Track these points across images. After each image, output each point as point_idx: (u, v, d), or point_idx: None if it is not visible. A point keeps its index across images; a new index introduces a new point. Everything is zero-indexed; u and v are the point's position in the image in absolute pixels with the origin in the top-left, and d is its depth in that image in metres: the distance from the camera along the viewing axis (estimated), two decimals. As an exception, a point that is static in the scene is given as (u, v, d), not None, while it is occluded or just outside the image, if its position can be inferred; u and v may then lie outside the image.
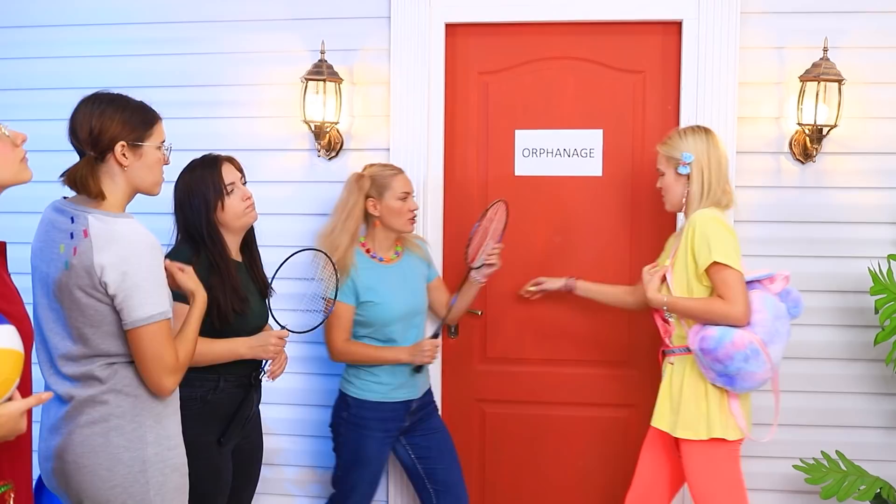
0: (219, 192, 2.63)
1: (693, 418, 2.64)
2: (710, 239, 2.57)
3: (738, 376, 2.54)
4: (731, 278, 2.56)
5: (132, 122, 2.16)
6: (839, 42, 3.18)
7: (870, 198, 3.24)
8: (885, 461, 3.25)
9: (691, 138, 2.72)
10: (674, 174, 2.74)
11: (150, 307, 2.07)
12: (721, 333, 2.52)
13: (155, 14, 3.51)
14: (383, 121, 3.41)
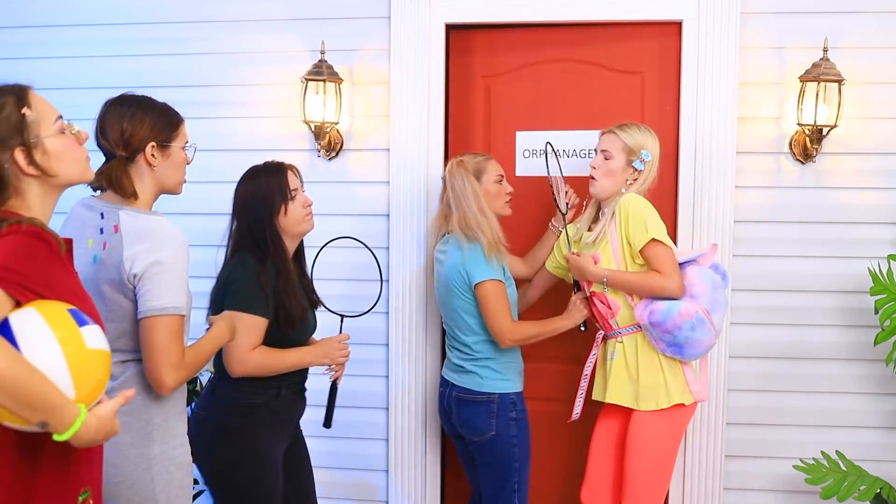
0: (284, 197, 2.63)
1: (652, 390, 2.76)
2: (646, 219, 2.71)
3: (687, 344, 2.68)
4: (664, 254, 2.71)
5: (160, 123, 2.23)
6: (839, 42, 3.18)
7: (870, 198, 3.24)
8: (886, 461, 3.25)
9: (651, 137, 2.86)
10: (624, 163, 2.83)
11: (167, 299, 2.09)
12: (668, 306, 2.66)
13: (155, 14, 3.52)
14: (383, 121, 3.42)
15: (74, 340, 1.62)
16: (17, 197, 1.73)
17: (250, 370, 2.53)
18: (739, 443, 3.32)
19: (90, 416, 1.64)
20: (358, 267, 3.43)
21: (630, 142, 2.83)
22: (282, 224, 2.65)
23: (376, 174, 3.43)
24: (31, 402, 1.52)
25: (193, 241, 3.48)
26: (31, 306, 1.60)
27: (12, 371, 1.48)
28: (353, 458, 3.51)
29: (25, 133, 1.72)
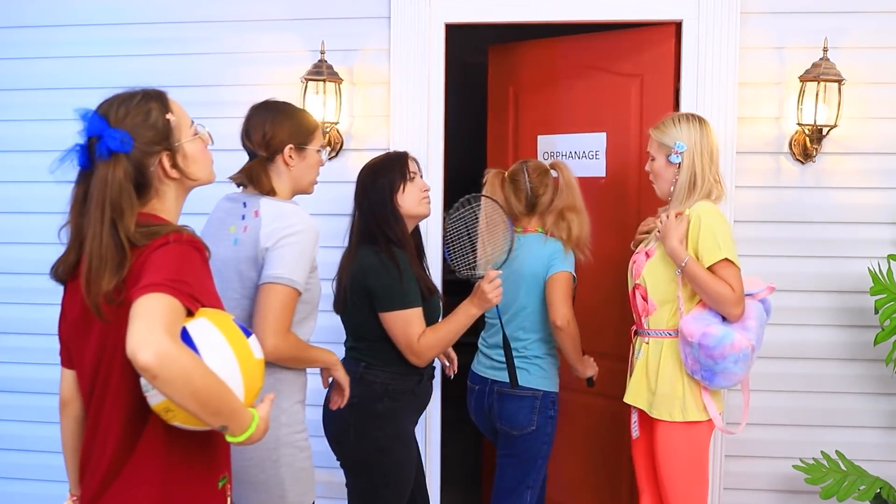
0: (403, 176, 2.72)
1: (669, 401, 2.66)
2: (719, 236, 2.58)
3: (721, 374, 2.57)
4: (735, 277, 2.58)
5: (299, 127, 2.43)
6: (839, 42, 3.18)
7: (870, 198, 3.25)
8: (885, 461, 3.25)
9: (685, 127, 2.69)
10: (664, 161, 2.71)
11: (284, 270, 2.23)
12: (723, 334, 2.53)
13: (154, 14, 3.51)
14: (383, 121, 3.42)
15: (245, 350, 1.71)
16: (157, 198, 1.81)
17: (432, 351, 2.65)
18: (740, 443, 3.32)
19: (259, 419, 1.73)
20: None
21: (662, 139, 2.71)
22: (400, 202, 2.71)
23: (376, 174, 3.43)
24: (217, 410, 1.60)
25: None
26: (202, 316, 1.67)
27: (206, 381, 1.56)
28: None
29: (170, 138, 1.80)
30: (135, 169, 1.74)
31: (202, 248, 1.75)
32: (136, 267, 1.66)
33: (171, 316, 1.56)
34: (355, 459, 2.71)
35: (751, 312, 2.61)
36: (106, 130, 1.73)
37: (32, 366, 3.62)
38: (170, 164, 1.80)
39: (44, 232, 3.57)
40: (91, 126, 1.75)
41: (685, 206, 2.67)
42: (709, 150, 2.68)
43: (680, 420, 2.64)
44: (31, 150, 3.55)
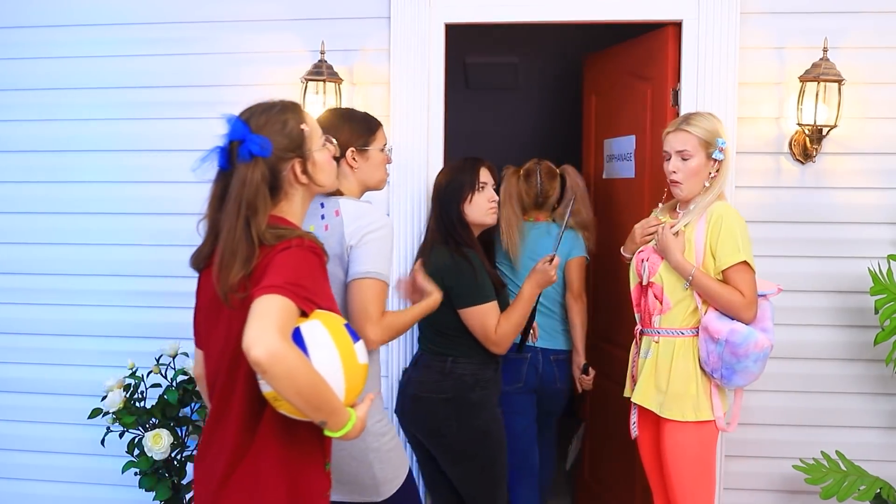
0: (472, 186, 2.92)
1: (682, 400, 2.65)
2: (739, 239, 2.59)
3: (740, 372, 2.59)
4: (752, 281, 2.60)
5: (358, 130, 2.56)
6: (839, 42, 3.18)
7: (869, 198, 3.25)
8: (885, 461, 3.25)
9: (717, 121, 2.68)
10: (705, 159, 2.66)
11: (372, 265, 2.37)
12: (749, 331, 2.56)
13: (154, 14, 3.51)
14: (383, 121, 3.38)
15: (350, 354, 1.83)
16: (286, 201, 1.97)
17: (509, 338, 2.87)
18: (740, 443, 3.32)
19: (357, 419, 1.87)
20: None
21: (703, 134, 2.64)
22: (466, 212, 2.93)
23: (376, 174, 3.43)
24: (318, 406, 1.75)
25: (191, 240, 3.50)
26: (316, 318, 1.81)
27: (310, 380, 1.71)
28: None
29: (303, 146, 1.96)
30: (270, 172, 1.91)
31: (321, 254, 1.89)
32: (262, 265, 1.82)
33: (284, 317, 1.70)
34: (461, 448, 2.88)
35: (766, 313, 2.64)
36: (248, 136, 1.91)
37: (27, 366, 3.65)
38: (300, 170, 1.96)
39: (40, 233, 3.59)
40: (234, 130, 1.94)
41: (710, 203, 2.66)
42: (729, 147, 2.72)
43: (693, 420, 2.64)
44: (28, 151, 3.55)
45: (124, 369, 3.31)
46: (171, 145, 3.51)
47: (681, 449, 2.66)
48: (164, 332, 3.50)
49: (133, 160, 3.54)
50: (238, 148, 1.91)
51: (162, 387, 3.30)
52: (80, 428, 3.48)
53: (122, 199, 3.55)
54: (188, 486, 3.32)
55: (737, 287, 2.59)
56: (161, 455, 3.11)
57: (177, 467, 3.27)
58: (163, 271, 3.54)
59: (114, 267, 3.58)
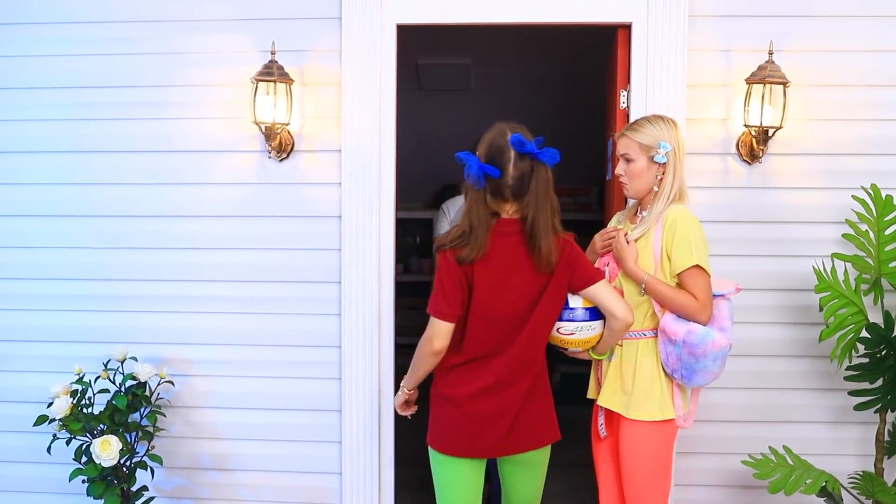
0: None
1: (647, 400, 2.69)
2: (693, 242, 2.63)
3: (700, 372, 2.63)
4: (705, 284, 2.63)
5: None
6: (784, 45, 3.24)
7: (814, 198, 3.31)
8: (831, 455, 3.32)
9: (663, 126, 2.71)
10: (646, 162, 2.71)
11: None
12: (705, 332, 2.60)
13: (99, 13, 3.44)
14: (335, 122, 3.39)
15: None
16: None
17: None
18: (689, 440, 3.36)
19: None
20: (307, 269, 3.42)
21: (643, 139, 2.70)
22: None
23: (328, 175, 3.41)
24: (612, 344, 2.72)
25: (148, 244, 3.45)
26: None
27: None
28: (305, 462, 3.48)
29: None
30: None
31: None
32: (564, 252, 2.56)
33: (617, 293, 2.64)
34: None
35: (724, 312, 2.69)
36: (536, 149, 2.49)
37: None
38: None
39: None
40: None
41: (665, 206, 2.69)
42: (682, 149, 2.74)
43: (659, 419, 2.68)
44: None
45: (71, 375, 3.25)
46: (117, 146, 3.45)
47: (643, 448, 2.69)
48: (112, 337, 3.45)
49: (77, 161, 3.47)
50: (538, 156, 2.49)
51: (110, 392, 3.25)
52: (25, 435, 3.40)
53: (66, 201, 3.48)
54: (138, 493, 3.27)
55: (691, 290, 2.63)
56: (110, 462, 3.05)
57: (126, 474, 3.21)
58: (110, 274, 3.48)
59: (59, 270, 3.50)
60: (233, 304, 3.46)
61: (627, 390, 2.72)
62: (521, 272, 2.51)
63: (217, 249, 3.46)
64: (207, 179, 3.45)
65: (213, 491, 3.52)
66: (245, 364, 3.47)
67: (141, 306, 3.48)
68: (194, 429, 3.51)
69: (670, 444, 2.74)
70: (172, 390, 3.44)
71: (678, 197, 2.72)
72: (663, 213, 2.68)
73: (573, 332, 2.60)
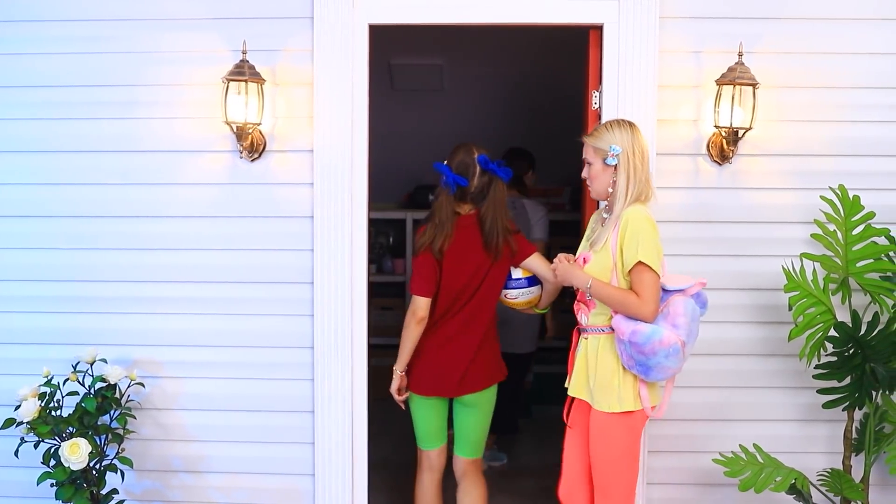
0: None
1: (606, 393, 2.79)
2: (640, 240, 2.71)
3: (656, 368, 2.71)
4: (649, 280, 2.71)
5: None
6: (753, 47, 3.27)
7: (784, 198, 3.34)
8: (800, 453, 3.36)
9: (618, 131, 2.82)
10: (601, 165, 2.83)
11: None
12: (652, 331, 2.68)
13: (69, 11, 3.40)
14: (307, 122, 3.38)
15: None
16: None
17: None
18: (661, 438, 3.39)
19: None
20: (279, 270, 3.41)
21: (597, 143, 2.84)
22: None
23: (300, 176, 3.39)
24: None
25: (117, 245, 3.41)
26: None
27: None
28: (277, 463, 3.47)
29: None
30: None
31: None
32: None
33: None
34: None
35: (679, 309, 2.74)
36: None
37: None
38: None
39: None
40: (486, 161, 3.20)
41: (624, 206, 2.78)
42: (640, 152, 2.81)
43: (618, 410, 2.77)
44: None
45: (39, 377, 3.21)
46: (86, 146, 3.42)
47: (608, 437, 2.80)
48: (81, 339, 3.41)
49: (45, 161, 3.43)
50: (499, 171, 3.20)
51: (79, 395, 3.22)
52: (-8, 439, 3.35)
53: (34, 202, 3.44)
54: (108, 497, 3.23)
55: (635, 287, 2.73)
56: (79, 465, 3.02)
57: (95, 477, 3.18)
58: (79, 275, 3.44)
59: (27, 271, 3.46)
60: (204, 305, 3.44)
61: (591, 382, 2.83)
62: (475, 255, 3.21)
63: (188, 250, 3.43)
64: (178, 179, 3.42)
65: (184, 493, 3.49)
66: (216, 365, 3.45)
67: (111, 307, 3.45)
68: (165, 431, 3.48)
69: (636, 434, 2.82)
70: (143, 392, 3.41)
71: (641, 198, 2.81)
72: (621, 213, 2.77)
73: (517, 297, 3.26)
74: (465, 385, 3.26)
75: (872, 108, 3.31)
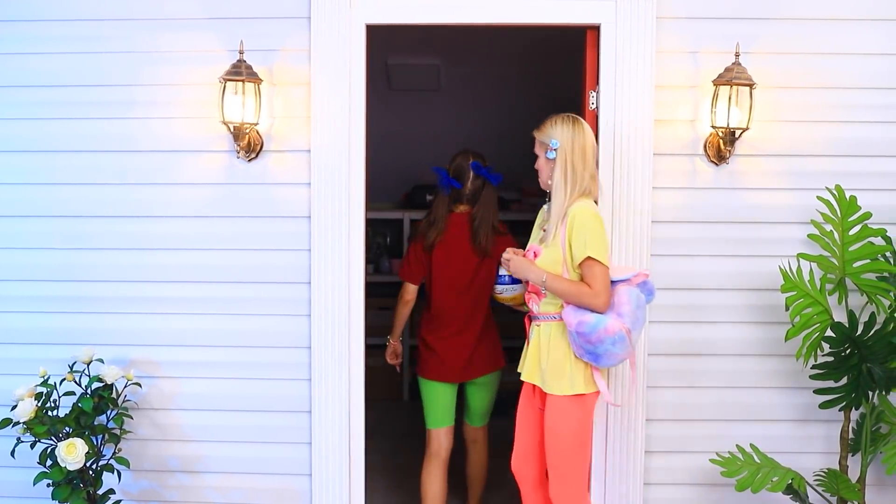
0: None
1: (558, 377, 2.92)
2: (588, 235, 2.84)
3: (604, 356, 2.84)
4: (599, 273, 2.84)
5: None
6: (750, 47, 3.27)
7: (780, 198, 3.35)
8: (797, 453, 3.36)
9: (559, 126, 2.95)
10: (544, 158, 2.99)
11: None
12: (596, 321, 2.81)
13: (66, 11, 3.40)
14: (304, 122, 3.38)
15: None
16: None
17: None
18: (659, 439, 3.39)
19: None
20: (276, 270, 3.41)
21: (540, 137, 3.00)
22: None
23: (297, 176, 3.39)
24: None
25: (114, 244, 3.41)
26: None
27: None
28: (274, 463, 3.47)
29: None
30: None
31: None
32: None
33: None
34: None
35: (623, 298, 2.87)
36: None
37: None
38: None
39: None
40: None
41: (566, 201, 2.91)
42: (581, 148, 2.93)
43: (570, 393, 2.90)
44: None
45: (35, 377, 3.21)
46: (83, 146, 3.41)
47: (561, 419, 2.92)
48: (78, 339, 3.41)
49: (42, 161, 3.43)
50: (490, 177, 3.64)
51: (76, 395, 3.21)
52: (-11, 439, 3.35)
53: (31, 201, 3.44)
54: (104, 497, 3.23)
55: (587, 280, 2.86)
56: (75, 465, 3.02)
57: (92, 477, 3.18)
58: (76, 275, 3.44)
59: (23, 271, 3.45)
60: (201, 305, 3.44)
61: (543, 367, 2.96)
62: (465, 253, 3.63)
63: (185, 250, 3.43)
64: (175, 179, 3.42)
65: (181, 494, 3.49)
66: (214, 365, 3.44)
67: (107, 307, 3.45)
68: (162, 431, 3.48)
69: (588, 416, 2.96)
70: (140, 392, 3.41)
71: (586, 193, 2.94)
72: (568, 208, 2.90)
73: (502, 292, 3.34)
74: (467, 373, 3.70)
75: (869, 109, 3.32)
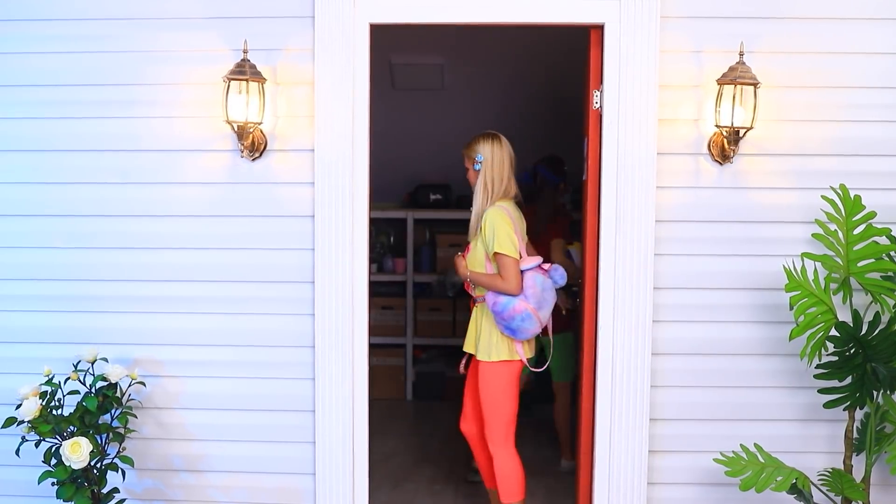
0: None
1: (486, 347, 3.56)
2: (494, 234, 3.46)
3: (518, 330, 3.46)
4: (507, 264, 3.45)
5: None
6: (754, 46, 3.27)
7: (784, 198, 3.34)
8: (801, 452, 3.36)
9: (483, 142, 3.58)
10: (472, 169, 3.60)
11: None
12: (507, 301, 3.45)
13: (71, 11, 3.40)
14: (308, 121, 3.38)
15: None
16: None
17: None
18: (662, 438, 3.39)
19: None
20: (280, 269, 3.41)
21: (469, 153, 3.62)
22: None
23: (301, 175, 3.39)
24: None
25: (118, 244, 3.42)
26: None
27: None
28: (278, 462, 3.47)
29: None
30: None
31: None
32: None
33: None
34: None
35: (528, 283, 3.47)
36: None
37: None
38: None
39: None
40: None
41: (484, 205, 3.53)
42: (499, 160, 3.55)
43: (496, 360, 3.53)
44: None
45: (40, 376, 3.21)
46: (86, 145, 3.42)
47: (490, 381, 3.55)
48: (82, 338, 3.42)
49: (45, 160, 3.44)
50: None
51: (80, 394, 3.22)
52: (-7, 438, 3.36)
53: (34, 201, 3.45)
54: (108, 495, 3.24)
55: (500, 271, 3.46)
56: (80, 464, 3.02)
57: (96, 476, 3.18)
58: (80, 274, 3.45)
59: (27, 270, 3.46)
60: (205, 305, 3.44)
61: (476, 339, 3.61)
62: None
63: (189, 249, 3.43)
64: (178, 179, 3.42)
65: (185, 492, 3.50)
66: (217, 364, 3.45)
67: (111, 307, 3.45)
68: (166, 430, 3.48)
69: (513, 378, 3.57)
70: (144, 391, 3.42)
71: (507, 195, 3.56)
72: (484, 212, 3.50)
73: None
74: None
75: (874, 108, 3.31)
